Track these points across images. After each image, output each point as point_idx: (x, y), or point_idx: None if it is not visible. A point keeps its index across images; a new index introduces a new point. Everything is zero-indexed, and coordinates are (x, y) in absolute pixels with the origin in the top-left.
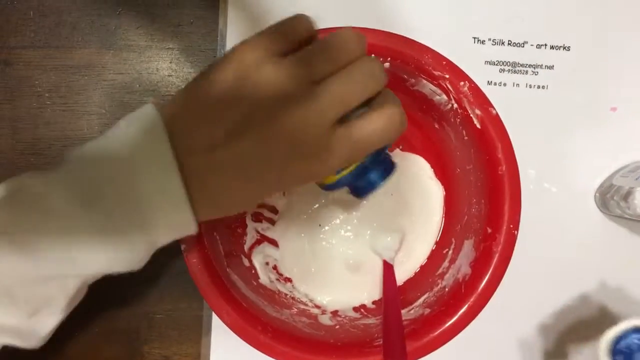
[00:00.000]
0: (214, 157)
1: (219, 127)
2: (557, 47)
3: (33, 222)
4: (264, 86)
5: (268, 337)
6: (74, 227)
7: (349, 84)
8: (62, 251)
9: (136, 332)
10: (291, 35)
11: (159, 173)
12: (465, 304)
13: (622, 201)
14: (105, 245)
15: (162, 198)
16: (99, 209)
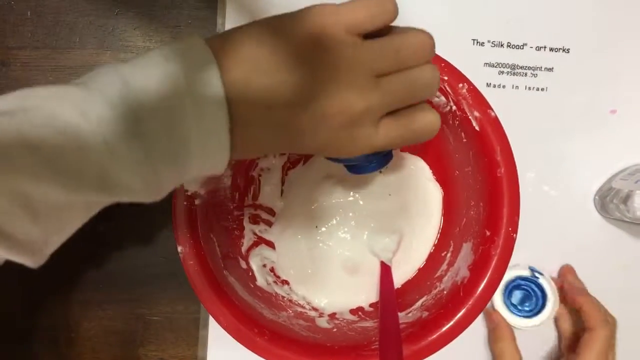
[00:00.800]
0: (269, 114)
1: (281, 84)
2: (556, 49)
3: (73, 146)
4: (335, 61)
5: (265, 340)
6: (115, 157)
7: (409, 88)
8: (97, 177)
9: (133, 335)
10: (377, 21)
11: (208, 118)
12: (463, 307)
13: (622, 204)
14: (138, 176)
15: (205, 141)
16: (142, 141)
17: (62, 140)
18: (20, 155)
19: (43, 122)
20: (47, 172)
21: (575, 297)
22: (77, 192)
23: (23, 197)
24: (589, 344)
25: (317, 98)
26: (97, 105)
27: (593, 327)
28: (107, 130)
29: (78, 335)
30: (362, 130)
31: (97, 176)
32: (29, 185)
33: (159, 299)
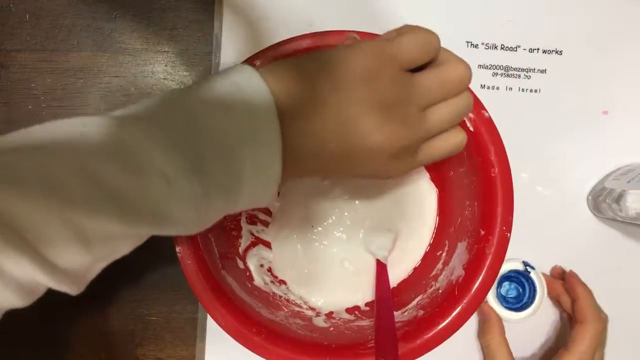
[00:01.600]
0: (321, 148)
1: (335, 120)
2: (549, 51)
3: (135, 183)
4: (389, 98)
5: (262, 339)
6: (176, 191)
7: (452, 117)
8: (155, 209)
9: (131, 335)
10: (426, 57)
11: (263, 154)
12: (458, 306)
13: (614, 204)
14: (193, 210)
15: (258, 177)
16: (200, 176)
17: (124, 173)
18: (81, 187)
19: (106, 154)
20: (107, 206)
21: (575, 286)
22: (134, 226)
23: (80, 230)
24: (578, 337)
25: (370, 133)
26: (160, 139)
27: (585, 320)
28: (168, 165)
29: (76, 336)
30: (406, 158)
31: (154, 210)
32: (88, 219)
33: (157, 299)
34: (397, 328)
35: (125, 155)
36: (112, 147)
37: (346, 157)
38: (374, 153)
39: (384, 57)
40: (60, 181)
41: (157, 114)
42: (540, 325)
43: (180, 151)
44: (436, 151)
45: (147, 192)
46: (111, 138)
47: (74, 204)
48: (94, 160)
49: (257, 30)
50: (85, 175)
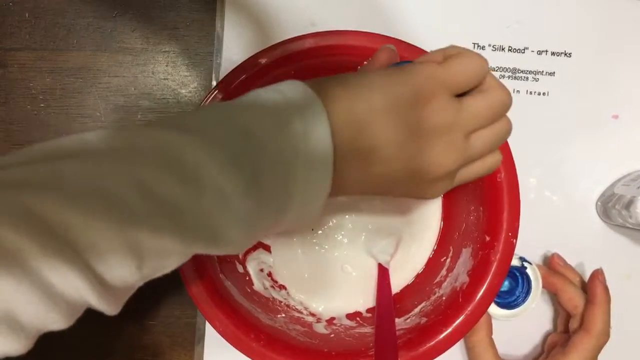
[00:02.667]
0: (367, 170)
1: (384, 145)
2: (558, 53)
3: (192, 199)
4: (438, 124)
5: (261, 345)
6: (231, 209)
7: (494, 142)
8: (211, 232)
9: (129, 340)
10: (475, 82)
11: (316, 174)
12: (462, 314)
13: (624, 210)
14: (244, 230)
15: (308, 198)
16: (256, 194)
17: (181, 189)
18: (139, 203)
19: (163, 168)
20: (166, 223)
21: (596, 289)
22: (190, 244)
23: (136, 246)
24: (580, 345)
25: (415, 157)
26: (216, 154)
27: (592, 329)
28: (227, 184)
29: (74, 341)
30: (446, 182)
31: (209, 229)
32: (146, 235)
33: (155, 303)
34: (399, 335)
35: (182, 170)
36: (169, 161)
37: (389, 179)
38: (419, 176)
39: (437, 82)
40: (118, 194)
41: (212, 128)
42: (532, 324)
43: (238, 170)
44: (473, 172)
45: (202, 209)
46: (168, 151)
47: (133, 219)
48: (150, 173)
49: (259, 29)
50: (142, 188)
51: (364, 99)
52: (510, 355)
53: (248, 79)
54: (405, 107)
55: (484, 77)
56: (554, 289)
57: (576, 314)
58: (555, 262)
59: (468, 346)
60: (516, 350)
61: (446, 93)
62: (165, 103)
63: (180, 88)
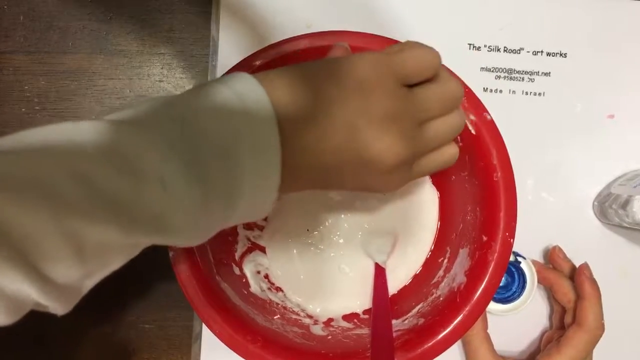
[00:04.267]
0: (317, 159)
1: (331, 132)
2: (553, 53)
3: (131, 188)
4: (386, 112)
5: (258, 347)
6: (174, 197)
7: (447, 133)
8: (153, 217)
9: (125, 343)
10: (425, 74)
11: (263, 163)
12: (460, 314)
13: (621, 209)
14: (192, 218)
15: (257, 187)
16: (198, 180)
17: (119, 178)
18: (76, 194)
19: (100, 159)
20: (103, 212)
21: (584, 284)
22: (131, 234)
23: (75, 238)
24: (573, 340)
25: (366, 146)
26: (156, 144)
27: (584, 324)
28: (165, 170)
29: (69, 345)
30: (402, 172)
31: (152, 218)
32: (84, 225)
33: (150, 306)
34: (397, 337)
35: (120, 160)
36: (106, 152)
37: (341, 170)
38: (371, 165)
39: (384, 70)
40: (55, 185)
41: (152, 119)
42: (528, 319)
43: (178, 156)
44: (430, 165)
45: (143, 198)
46: (105, 142)
47: (69, 209)
48: (88, 165)
49: (254, 31)
50: (80, 179)
51: (311, 89)
52: (508, 351)
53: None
54: (352, 94)
55: (435, 69)
56: (549, 283)
57: (570, 309)
58: (556, 254)
59: (464, 340)
60: (514, 347)
61: (393, 80)
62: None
63: (175, 90)
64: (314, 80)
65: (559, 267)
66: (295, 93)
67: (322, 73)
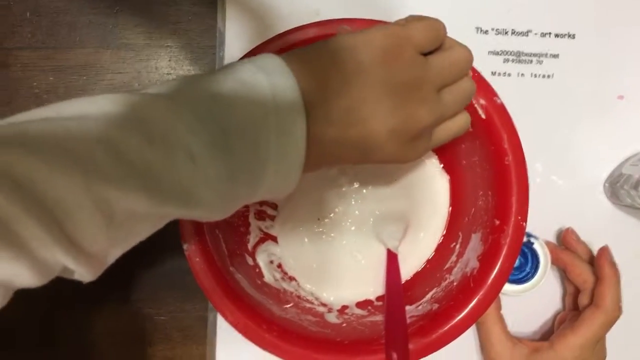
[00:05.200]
0: (344, 132)
1: (358, 104)
2: (561, 35)
3: (160, 158)
4: (409, 80)
5: (274, 336)
6: (203, 172)
7: (462, 99)
8: (183, 191)
9: (140, 335)
10: (437, 42)
11: (289, 138)
12: (474, 298)
13: (632, 190)
14: (218, 191)
15: (282, 161)
16: (225, 155)
17: (149, 148)
18: (108, 162)
19: (132, 129)
20: (133, 180)
21: (603, 266)
22: (159, 204)
23: (104, 203)
24: (589, 321)
25: (392, 115)
26: (184, 116)
27: (602, 306)
28: (194, 141)
29: (85, 337)
30: (423, 140)
31: (180, 189)
32: (113, 191)
33: (165, 297)
34: (411, 323)
35: (149, 130)
36: (138, 123)
37: (366, 142)
38: (395, 135)
39: (401, 39)
40: (88, 153)
41: (183, 94)
42: (542, 300)
43: (206, 128)
44: (446, 133)
45: (172, 169)
46: (137, 114)
47: (100, 175)
48: (120, 134)
49: (261, 20)
50: (110, 147)
51: (334, 63)
52: (521, 331)
53: None
54: (375, 65)
55: (443, 37)
56: (562, 264)
57: (585, 289)
58: (569, 236)
59: (478, 321)
60: (527, 327)
61: (412, 49)
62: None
63: None
64: (337, 55)
65: (572, 249)
66: (320, 69)
67: (344, 47)
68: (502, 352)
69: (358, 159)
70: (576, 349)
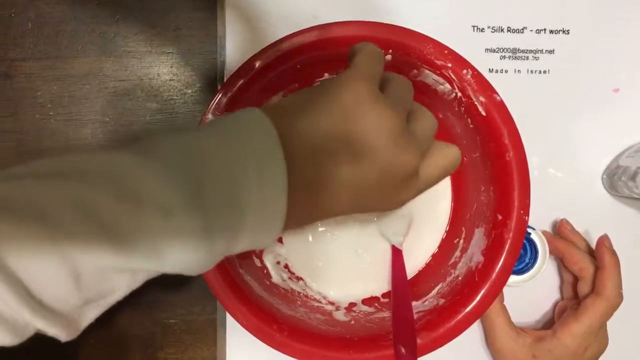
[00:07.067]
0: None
1: (333, 154)
2: (556, 31)
3: (130, 214)
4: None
5: (284, 336)
6: (173, 225)
7: (426, 122)
8: (152, 245)
9: (151, 339)
10: (382, 63)
11: (269, 187)
12: (479, 292)
13: (630, 181)
14: (193, 245)
15: (262, 212)
16: (203, 212)
17: (119, 204)
18: (74, 216)
19: (101, 185)
20: (100, 236)
21: (604, 255)
22: (128, 259)
23: (70, 262)
24: (591, 309)
25: (382, 161)
26: (157, 171)
27: (603, 293)
28: (166, 197)
29: (95, 342)
30: (413, 181)
31: (151, 246)
32: (79, 249)
33: (174, 301)
34: (418, 318)
35: (120, 187)
36: (107, 179)
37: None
38: (386, 177)
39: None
40: (53, 209)
41: (154, 148)
42: (542, 290)
43: (180, 183)
44: (435, 169)
45: (141, 224)
46: (107, 169)
47: (66, 233)
48: (89, 191)
49: (260, 25)
50: (79, 205)
51: (308, 113)
52: (524, 322)
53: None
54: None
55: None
56: (559, 253)
57: (583, 277)
58: (563, 227)
59: None
60: (529, 317)
61: (371, 87)
62: (172, 104)
63: (186, 88)
64: (314, 103)
65: (568, 240)
66: (300, 117)
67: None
68: (507, 342)
69: (345, 211)
70: (579, 336)
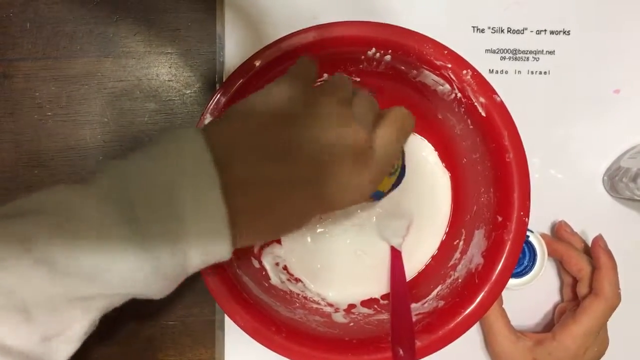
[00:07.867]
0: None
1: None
2: (557, 32)
3: (65, 236)
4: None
5: (283, 338)
6: (108, 243)
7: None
8: (92, 267)
9: (150, 341)
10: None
11: (203, 192)
12: (479, 294)
13: (631, 183)
14: (136, 264)
15: (199, 219)
16: (136, 224)
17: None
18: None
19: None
20: (37, 267)
21: (599, 255)
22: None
23: (13, 296)
24: (590, 310)
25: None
26: (92, 195)
27: (601, 294)
28: (97, 218)
29: (94, 345)
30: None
31: (91, 263)
32: (21, 283)
33: (173, 303)
34: (418, 320)
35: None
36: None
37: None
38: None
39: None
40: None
41: (92, 178)
42: (541, 292)
43: (111, 202)
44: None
45: (80, 247)
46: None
47: (6, 271)
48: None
49: (260, 25)
50: (15, 238)
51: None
52: (523, 325)
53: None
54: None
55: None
56: (558, 255)
57: (582, 278)
58: (562, 229)
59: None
60: (529, 320)
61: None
62: (171, 104)
63: (184, 89)
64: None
65: (567, 241)
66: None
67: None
68: (506, 346)
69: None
70: (579, 338)
